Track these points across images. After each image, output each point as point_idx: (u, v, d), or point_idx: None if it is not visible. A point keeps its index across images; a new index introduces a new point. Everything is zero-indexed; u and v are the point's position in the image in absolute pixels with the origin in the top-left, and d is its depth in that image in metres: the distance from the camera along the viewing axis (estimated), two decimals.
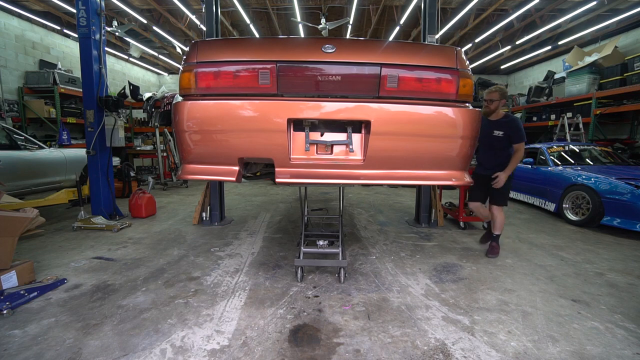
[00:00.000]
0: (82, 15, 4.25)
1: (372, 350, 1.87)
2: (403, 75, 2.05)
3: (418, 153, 2.12)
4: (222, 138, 2.06)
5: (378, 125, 2.03)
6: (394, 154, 2.10)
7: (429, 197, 4.56)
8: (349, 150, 2.12)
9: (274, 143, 2.04)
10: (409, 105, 2.06)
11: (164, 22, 9.15)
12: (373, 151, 2.07)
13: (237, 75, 2.04)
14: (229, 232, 4.18)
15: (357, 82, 2.08)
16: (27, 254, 3.22)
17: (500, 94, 3.28)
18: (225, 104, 2.03)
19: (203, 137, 2.08)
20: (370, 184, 2.20)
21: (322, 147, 2.14)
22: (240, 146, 2.07)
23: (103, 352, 1.82)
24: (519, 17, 8.53)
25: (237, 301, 2.40)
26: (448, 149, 2.12)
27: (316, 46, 2.05)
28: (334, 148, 2.16)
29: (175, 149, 8.44)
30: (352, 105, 2.04)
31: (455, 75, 2.07)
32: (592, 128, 7.61)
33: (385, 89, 2.06)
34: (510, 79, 13.88)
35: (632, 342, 1.96)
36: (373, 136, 2.04)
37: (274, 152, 2.06)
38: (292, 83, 2.05)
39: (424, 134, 2.07)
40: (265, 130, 2.03)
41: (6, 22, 7.37)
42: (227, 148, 2.07)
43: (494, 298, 2.50)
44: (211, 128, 2.04)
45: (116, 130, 4.62)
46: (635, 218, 4.03)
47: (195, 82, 2.04)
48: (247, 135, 2.05)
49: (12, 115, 7.20)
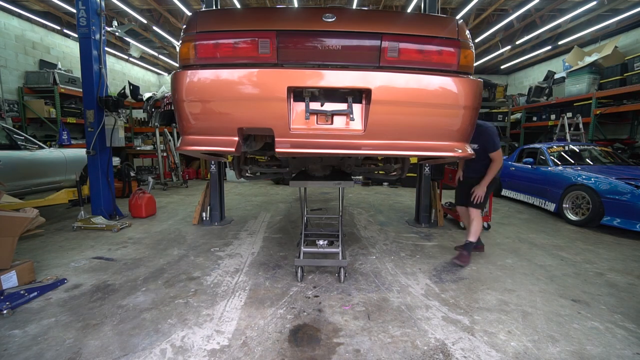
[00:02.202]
0: (82, 15, 4.25)
1: (372, 350, 1.87)
2: (404, 45, 2.04)
3: (419, 123, 2.09)
4: (221, 108, 2.05)
5: (379, 94, 2.00)
6: (395, 124, 2.08)
7: (429, 197, 4.56)
8: (349, 120, 2.09)
9: (274, 112, 2.02)
10: (410, 74, 2.04)
11: (164, 22, 9.15)
12: (374, 121, 2.04)
13: (236, 45, 2.02)
14: (229, 232, 4.18)
15: (357, 52, 2.06)
16: (27, 254, 3.22)
17: None
18: (225, 73, 2.02)
19: (203, 107, 2.06)
20: (370, 154, 2.16)
21: (323, 118, 2.11)
22: (240, 116, 2.05)
23: (103, 352, 1.82)
24: (519, 17, 8.53)
25: (237, 301, 2.40)
26: (449, 119, 2.09)
27: (316, 15, 2.03)
28: (335, 119, 2.12)
29: (175, 148, 8.44)
30: (353, 73, 2.02)
31: (456, 46, 2.05)
32: (592, 128, 7.61)
33: (386, 59, 2.04)
34: (510, 79, 13.88)
35: (632, 342, 1.96)
36: (374, 105, 2.01)
37: (273, 122, 2.03)
38: (292, 52, 2.04)
39: (424, 103, 2.05)
40: (265, 98, 2.00)
41: (6, 22, 7.37)
42: (226, 118, 2.05)
43: (494, 298, 2.50)
44: (211, 98, 2.03)
45: (116, 130, 4.61)
46: (635, 218, 4.03)
47: (195, 52, 2.03)
48: (247, 105, 2.03)
49: (12, 115, 7.20)
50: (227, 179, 8.75)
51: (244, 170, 3.27)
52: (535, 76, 11.93)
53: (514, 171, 6.40)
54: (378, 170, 3.35)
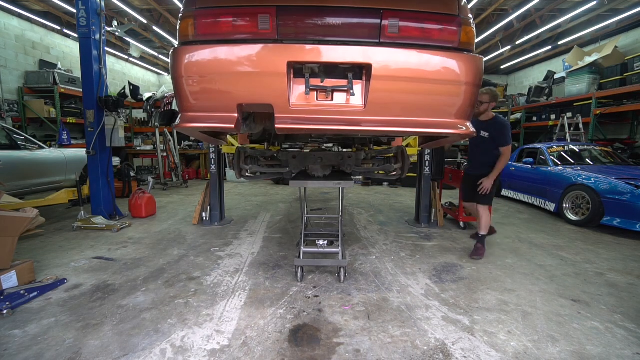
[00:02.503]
0: (82, 15, 4.25)
1: (372, 350, 1.87)
2: (405, 21, 2.03)
3: (419, 99, 2.08)
4: (221, 84, 2.04)
5: (379, 69, 2.00)
6: (395, 100, 2.07)
7: (429, 197, 4.56)
8: (349, 96, 2.08)
9: (274, 88, 2.01)
10: (411, 50, 2.04)
11: (164, 22, 9.14)
12: (374, 97, 2.04)
13: (236, 20, 2.02)
14: (229, 232, 4.18)
15: (357, 28, 2.05)
16: (27, 254, 3.22)
17: (490, 96, 3.30)
18: (224, 49, 2.02)
19: (202, 84, 2.06)
20: (371, 130, 2.15)
21: (323, 94, 2.11)
22: (240, 91, 2.04)
23: (103, 352, 1.82)
24: (519, 17, 8.53)
25: (237, 301, 2.40)
26: (450, 96, 2.09)
27: None
28: (335, 95, 2.12)
29: (175, 148, 8.44)
30: (353, 49, 2.02)
31: (457, 23, 2.05)
32: (592, 128, 7.61)
33: (386, 35, 2.03)
34: (510, 79, 13.87)
35: (632, 342, 1.96)
36: (374, 81, 2.01)
37: (273, 97, 2.03)
38: (292, 28, 2.03)
39: (425, 79, 2.05)
40: (265, 74, 2.00)
41: (6, 22, 7.37)
42: (226, 94, 2.05)
43: (494, 298, 2.50)
44: (210, 74, 2.03)
45: (116, 130, 4.62)
46: (635, 218, 4.03)
47: (195, 28, 2.02)
48: (247, 80, 2.03)
49: (12, 115, 7.20)
50: (227, 179, 8.76)
51: (244, 170, 3.26)
52: (535, 76, 11.93)
53: (514, 171, 6.40)
54: (378, 170, 3.34)
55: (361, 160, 3.15)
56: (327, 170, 3.14)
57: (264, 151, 3.21)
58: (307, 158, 3.04)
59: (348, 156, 3.04)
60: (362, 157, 3.11)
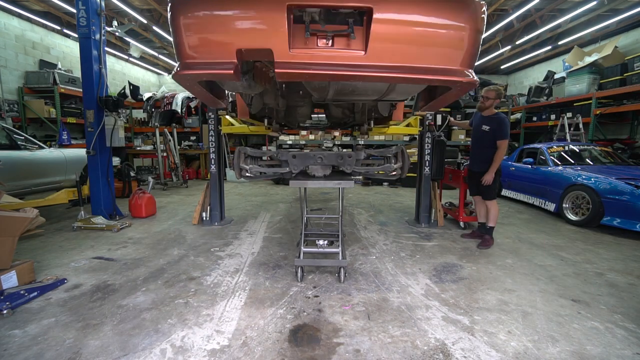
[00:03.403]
0: (82, 15, 4.25)
1: (372, 350, 1.87)
2: None
3: (421, 44, 2.05)
4: (220, 28, 2.02)
5: (380, 12, 1.97)
6: (397, 45, 2.04)
7: (429, 197, 4.56)
8: (350, 41, 2.05)
9: (273, 31, 1.98)
10: None
11: (164, 22, 9.14)
12: (375, 41, 2.00)
13: None
14: (229, 232, 4.18)
15: None
16: (27, 254, 3.22)
17: (496, 94, 3.58)
18: None
19: (200, 29, 2.04)
20: (372, 76, 2.10)
21: (323, 39, 2.08)
22: (239, 36, 2.01)
23: (103, 352, 1.82)
24: (519, 17, 8.53)
25: (237, 301, 2.40)
26: (453, 40, 2.06)
27: None
28: (335, 41, 2.09)
29: (175, 148, 8.44)
30: None
31: None
32: (592, 128, 7.61)
33: None
34: (510, 79, 13.87)
35: (632, 342, 1.96)
36: (375, 25, 1.98)
37: (273, 42, 1.99)
38: None
39: (427, 23, 2.02)
40: (264, 17, 1.98)
41: (6, 22, 7.37)
42: (225, 38, 2.03)
43: (494, 298, 2.50)
44: (208, 18, 2.01)
45: (116, 130, 4.61)
46: (635, 218, 4.03)
47: None
48: (246, 24, 2.01)
49: (12, 115, 7.20)
50: (227, 179, 8.76)
51: (244, 170, 3.26)
52: (535, 76, 11.92)
53: (514, 171, 6.40)
54: (378, 170, 3.34)
55: (361, 160, 3.15)
56: (327, 170, 3.14)
57: (264, 152, 3.22)
58: (307, 158, 3.04)
59: (348, 156, 3.04)
60: (362, 157, 3.11)
